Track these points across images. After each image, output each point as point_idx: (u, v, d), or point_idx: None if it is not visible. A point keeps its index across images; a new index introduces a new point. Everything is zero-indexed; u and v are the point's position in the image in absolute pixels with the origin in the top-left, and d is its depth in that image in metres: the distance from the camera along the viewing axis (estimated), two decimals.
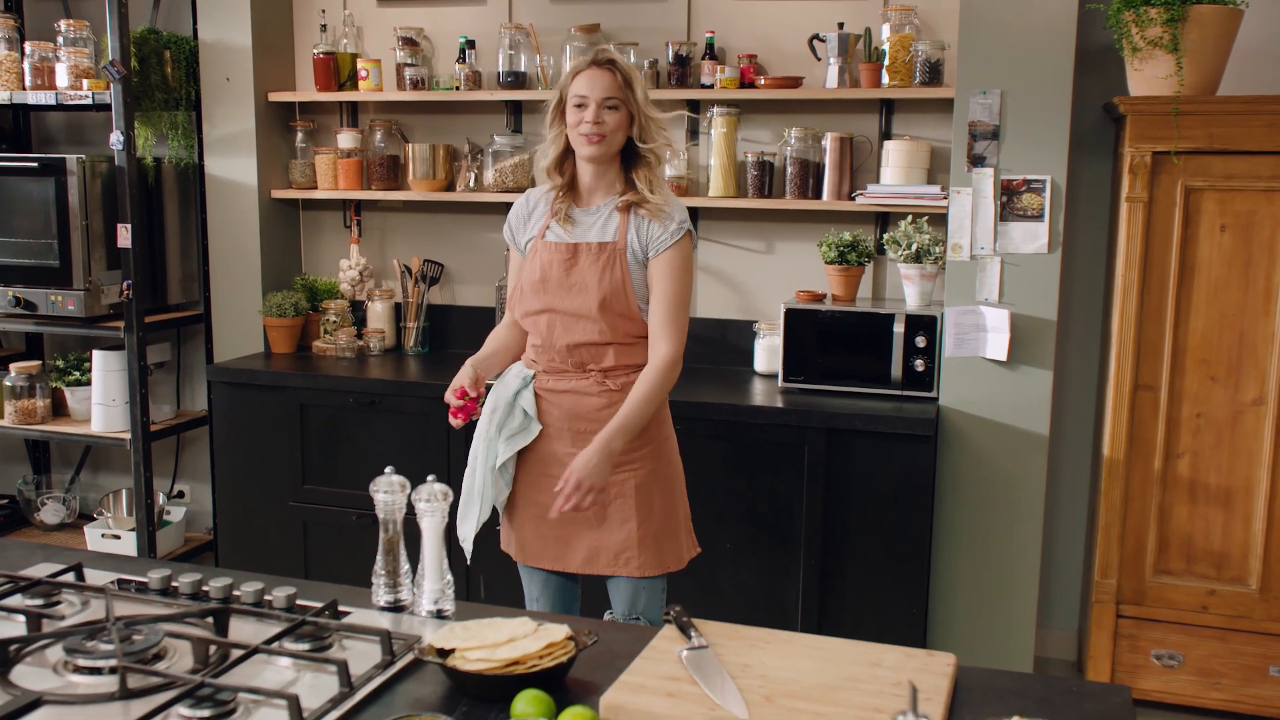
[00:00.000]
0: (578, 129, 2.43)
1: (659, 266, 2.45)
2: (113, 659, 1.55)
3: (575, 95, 2.43)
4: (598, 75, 2.42)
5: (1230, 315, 3.15)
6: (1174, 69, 3.06)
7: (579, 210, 2.52)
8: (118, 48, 3.72)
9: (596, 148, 2.42)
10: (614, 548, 2.50)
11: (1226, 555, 3.23)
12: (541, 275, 2.48)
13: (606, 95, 2.40)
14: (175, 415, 4.32)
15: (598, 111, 2.40)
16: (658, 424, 2.54)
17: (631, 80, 2.43)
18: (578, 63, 2.47)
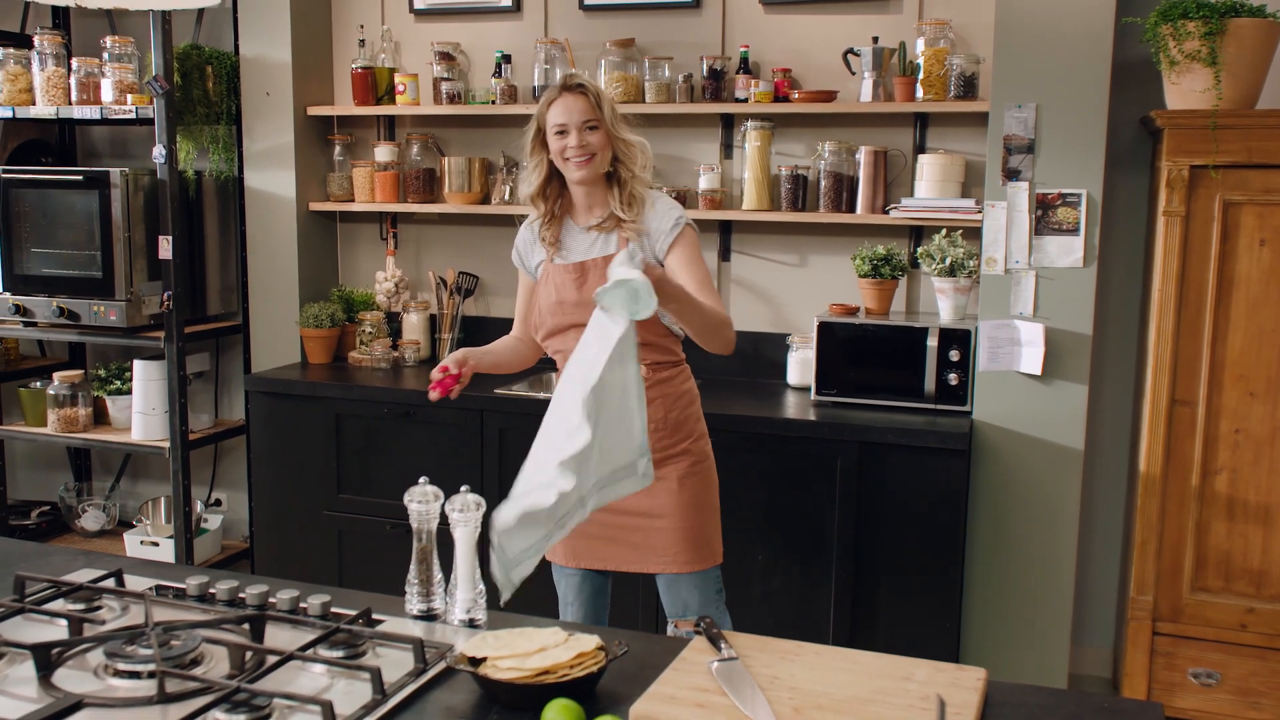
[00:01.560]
0: (563, 155, 2.51)
1: (673, 262, 2.52)
2: (151, 663, 1.58)
3: (554, 124, 2.50)
4: (572, 101, 2.49)
5: (1269, 331, 3.12)
6: (1212, 82, 3.03)
7: (578, 228, 2.60)
8: (161, 63, 3.79)
9: (586, 170, 2.50)
10: (659, 546, 2.56)
11: (1266, 573, 3.19)
12: (558, 297, 2.56)
13: (585, 118, 2.48)
14: (213, 424, 4.38)
15: (580, 135, 2.48)
16: (693, 422, 2.62)
17: (601, 102, 2.51)
18: (549, 91, 2.54)
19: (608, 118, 2.51)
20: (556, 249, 2.61)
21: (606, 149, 2.52)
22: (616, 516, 2.55)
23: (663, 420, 2.55)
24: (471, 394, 3.65)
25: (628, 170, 2.55)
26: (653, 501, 2.54)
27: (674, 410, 2.58)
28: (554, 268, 2.59)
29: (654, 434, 2.52)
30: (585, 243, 2.59)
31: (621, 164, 2.55)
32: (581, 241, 2.59)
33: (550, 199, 2.62)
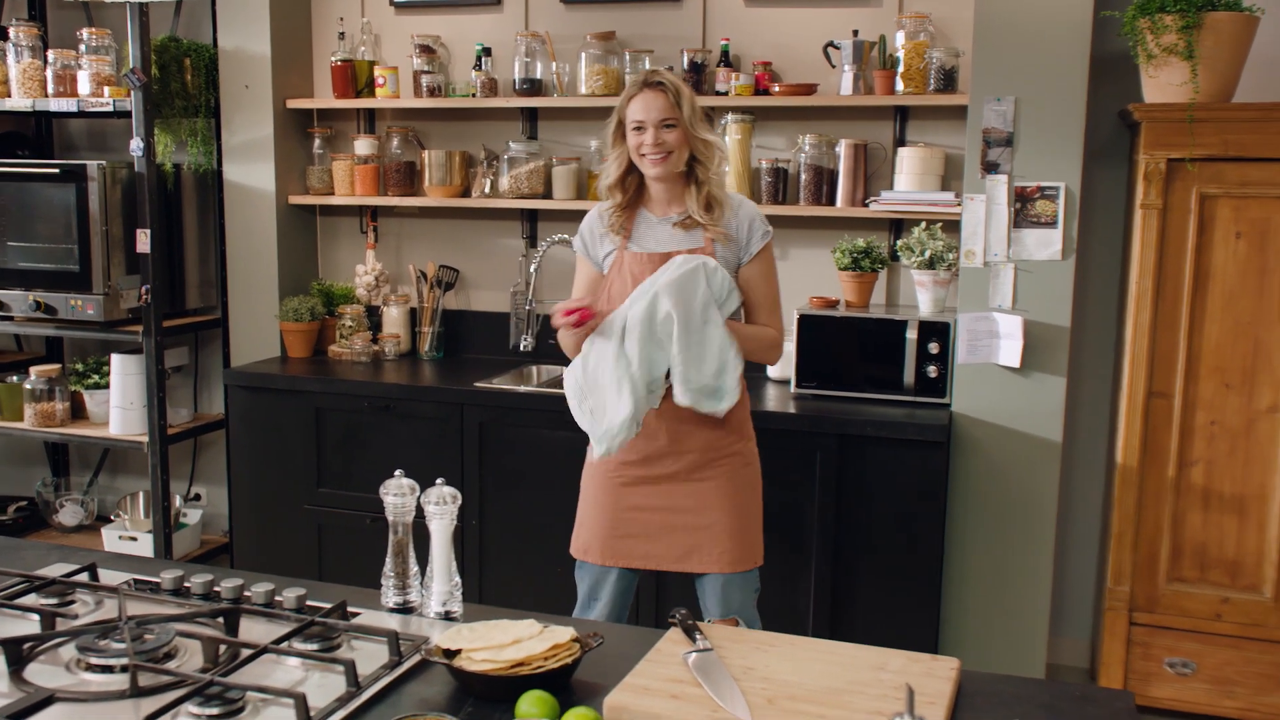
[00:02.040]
0: (639, 151, 2.52)
1: (752, 272, 2.59)
2: (124, 657, 1.57)
3: (633, 120, 2.52)
4: (651, 97, 2.51)
5: (1245, 323, 3.14)
6: (1189, 76, 3.05)
7: (655, 219, 2.61)
8: (139, 55, 3.77)
9: (662, 167, 2.52)
10: (706, 544, 2.57)
11: (1240, 563, 3.22)
12: (635, 285, 2.54)
13: (662, 117, 2.49)
14: (192, 418, 4.36)
15: (656, 133, 2.50)
16: (746, 424, 2.65)
17: (680, 100, 2.51)
18: (630, 86, 2.57)
19: (686, 116, 2.51)
20: (628, 238, 2.60)
21: (683, 148, 2.52)
22: (662, 515, 2.57)
23: (721, 420, 2.54)
24: (451, 387, 3.65)
25: (705, 170, 2.55)
26: (703, 500, 2.57)
27: (732, 411, 2.55)
28: (630, 256, 2.58)
29: (712, 433, 2.56)
30: (663, 234, 2.59)
31: (699, 164, 2.55)
32: (659, 232, 2.59)
33: (628, 191, 2.62)
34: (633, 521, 2.60)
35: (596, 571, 2.66)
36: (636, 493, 2.60)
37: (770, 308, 2.62)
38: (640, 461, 2.58)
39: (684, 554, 2.58)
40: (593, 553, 2.64)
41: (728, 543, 2.56)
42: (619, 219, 2.61)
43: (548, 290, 4.09)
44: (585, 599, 2.70)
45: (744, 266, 2.58)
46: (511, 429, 3.58)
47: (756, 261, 2.58)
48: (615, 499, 2.61)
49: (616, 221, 2.60)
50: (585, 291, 2.67)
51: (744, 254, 2.58)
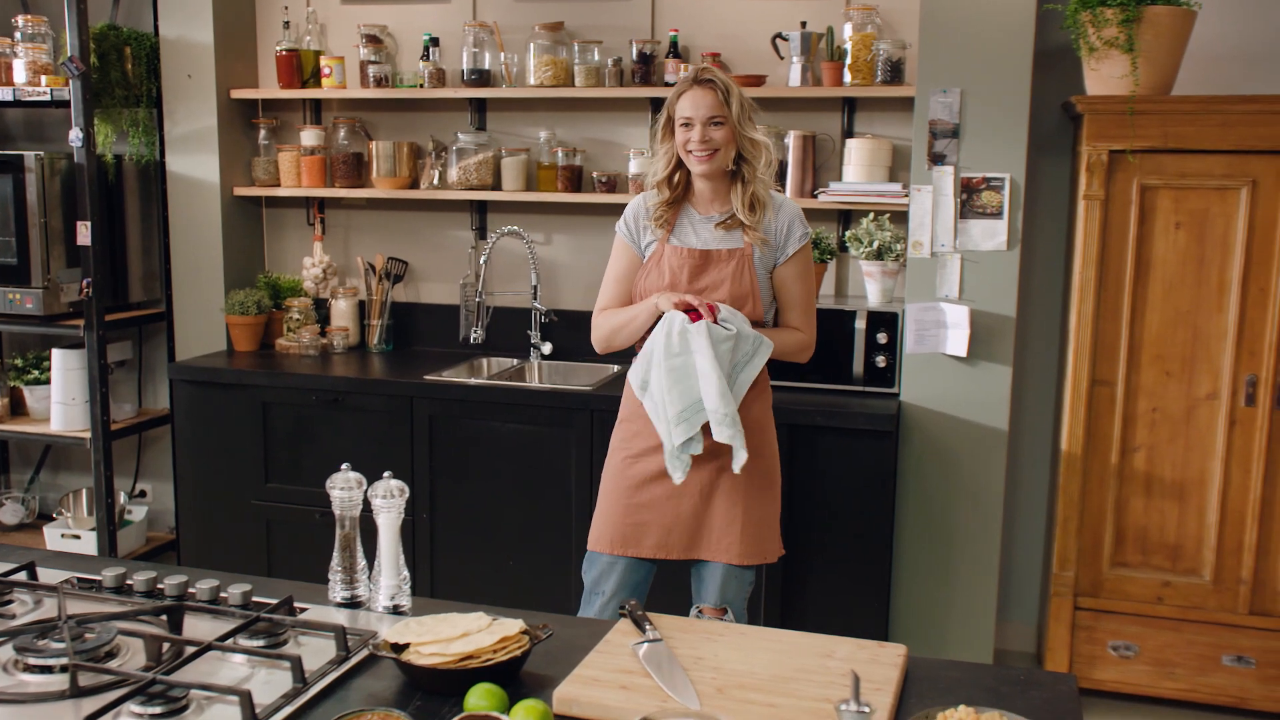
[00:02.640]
0: (686, 148, 2.51)
1: (786, 272, 2.58)
2: (64, 657, 1.55)
3: (681, 116, 2.51)
4: (700, 94, 2.49)
5: (1184, 311, 3.20)
6: (1129, 69, 3.10)
7: (699, 216, 2.60)
8: (76, 44, 3.69)
9: (708, 164, 2.51)
10: (716, 533, 2.56)
11: (1181, 547, 3.28)
12: (671, 280, 2.55)
13: (711, 114, 2.48)
14: (137, 414, 4.29)
15: (704, 130, 2.48)
16: (766, 416, 2.64)
17: (729, 97, 2.49)
18: (681, 82, 2.54)
19: (734, 114, 2.49)
20: (670, 231, 2.59)
21: (730, 145, 2.51)
22: (674, 504, 2.56)
23: (747, 409, 2.54)
24: (400, 380, 3.63)
25: (751, 170, 2.54)
26: (716, 491, 2.55)
27: (753, 403, 2.58)
28: (670, 249, 2.58)
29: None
30: (705, 231, 2.58)
31: (746, 163, 2.54)
32: (702, 229, 2.58)
33: (676, 187, 2.60)
34: (644, 509, 2.59)
35: (604, 563, 2.62)
36: (651, 483, 2.58)
37: (803, 309, 2.62)
38: (655, 450, 2.56)
39: (691, 543, 2.58)
40: (602, 542, 2.62)
41: (737, 535, 2.55)
42: (664, 212, 2.60)
43: (497, 282, 4.07)
44: (589, 592, 2.66)
45: (779, 267, 2.58)
46: (462, 422, 3.56)
47: (792, 262, 2.58)
48: (629, 489, 2.60)
49: (661, 214, 2.59)
50: (623, 278, 2.65)
51: (780, 255, 2.57)
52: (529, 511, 3.53)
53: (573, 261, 4.02)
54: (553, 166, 3.88)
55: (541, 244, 4.02)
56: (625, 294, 2.65)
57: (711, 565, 2.59)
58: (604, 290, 2.70)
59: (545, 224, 4.03)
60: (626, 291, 2.65)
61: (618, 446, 2.67)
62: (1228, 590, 3.25)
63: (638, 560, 2.60)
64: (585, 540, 3.45)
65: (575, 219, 4.00)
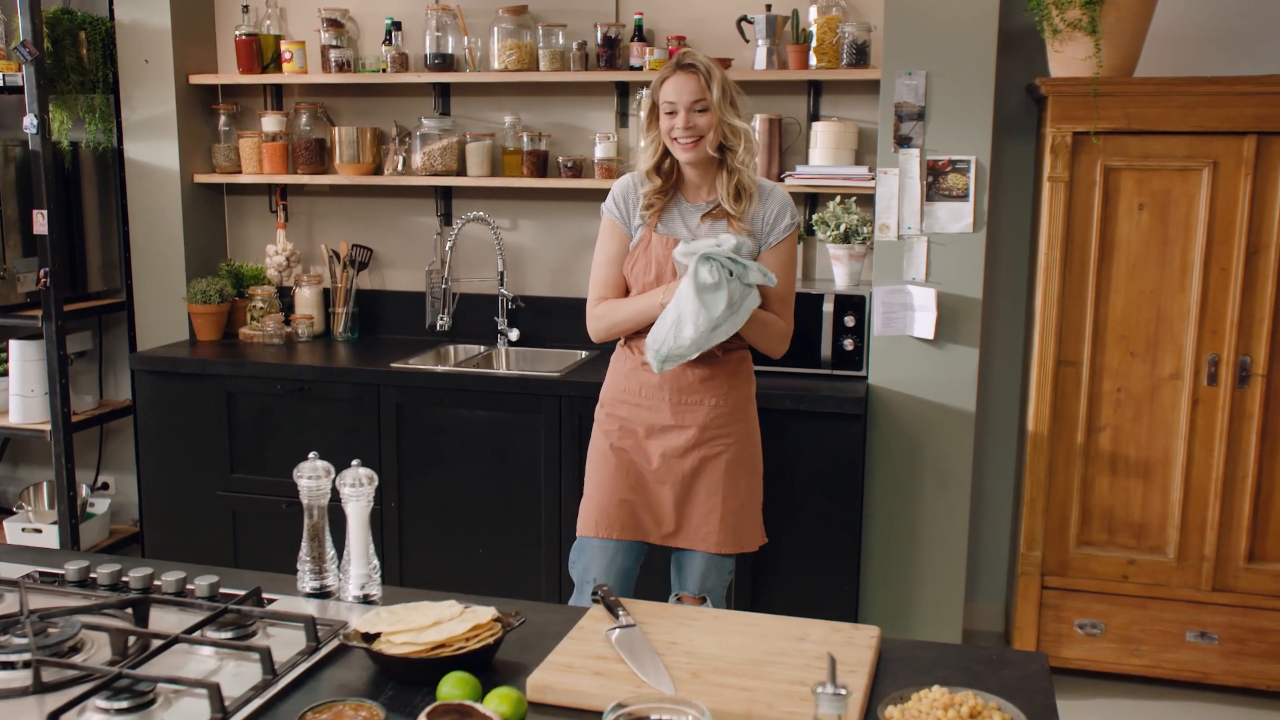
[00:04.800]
0: (670, 135, 2.48)
1: (769, 260, 2.54)
2: (27, 653, 1.52)
3: (665, 102, 2.49)
4: (684, 80, 2.47)
5: (1148, 292, 3.23)
6: (1092, 50, 3.11)
7: (689, 206, 2.58)
8: (29, 28, 3.61)
9: (693, 152, 2.48)
10: (696, 521, 2.57)
11: (1146, 525, 3.32)
12: (658, 272, 2.53)
13: (694, 99, 2.46)
14: (98, 405, 4.22)
15: (688, 116, 2.46)
16: (748, 405, 2.65)
17: (711, 83, 2.46)
18: (664, 68, 2.52)
19: (716, 99, 2.46)
20: (657, 218, 2.56)
21: (715, 132, 2.48)
22: (656, 489, 2.57)
23: (724, 397, 2.56)
24: (367, 367, 3.59)
25: (734, 157, 2.51)
26: (698, 479, 2.56)
27: (734, 391, 2.58)
28: (657, 238, 2.55)
29: (714, 410, 2.56)
30: (694, 221, 2.56)
31: (729, 150, 2.51)
32: (690, 219, 2.56)
33: (667, 176, 2.57)
34: (631, 492, 2.59)
35: (593, 548, 2.60)
36: (635, 465, 2.59)
37: (783, 299, 2.58)
38: (642, 434, 2.57)
39: (673, 530, 2.59)
40: (590, 526, 2.61)
41: (716, 524, 2.56)
42: (655, 200, 2.56)
43: (463, 268, 4.04)
44: (580, 582, 2.64)
45: (763, 254, 2.55)
46: (429, 409, 3.54)
47: (776, 250, 2.56)
48: (614, 474, 2.60)
49: (652, 202, 2.56)
50: (615, 260, 2.60)
51: (765, 242, 2.55)
52: (498, 499, 3.52)
53: (539, 247, 4.00)
54: (518, 151, 3.85)
55: (507, 230, 4.00)
56: (620, 278, 2.61)
57: (691, 554, 2.61)
58: (596, 276, 2.64)
59: (511, 209, 4.00)
60: (620, 275, 2.61)
61: (600, 431, 2.66)
62: (1191, 567, 3.29)
63: (627, 545, 2.60)
64: (555, 527, 3.46)
65: (541, 204, 3.98)
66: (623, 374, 2.64)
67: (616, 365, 2.68)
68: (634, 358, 2.62)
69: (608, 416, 2.65)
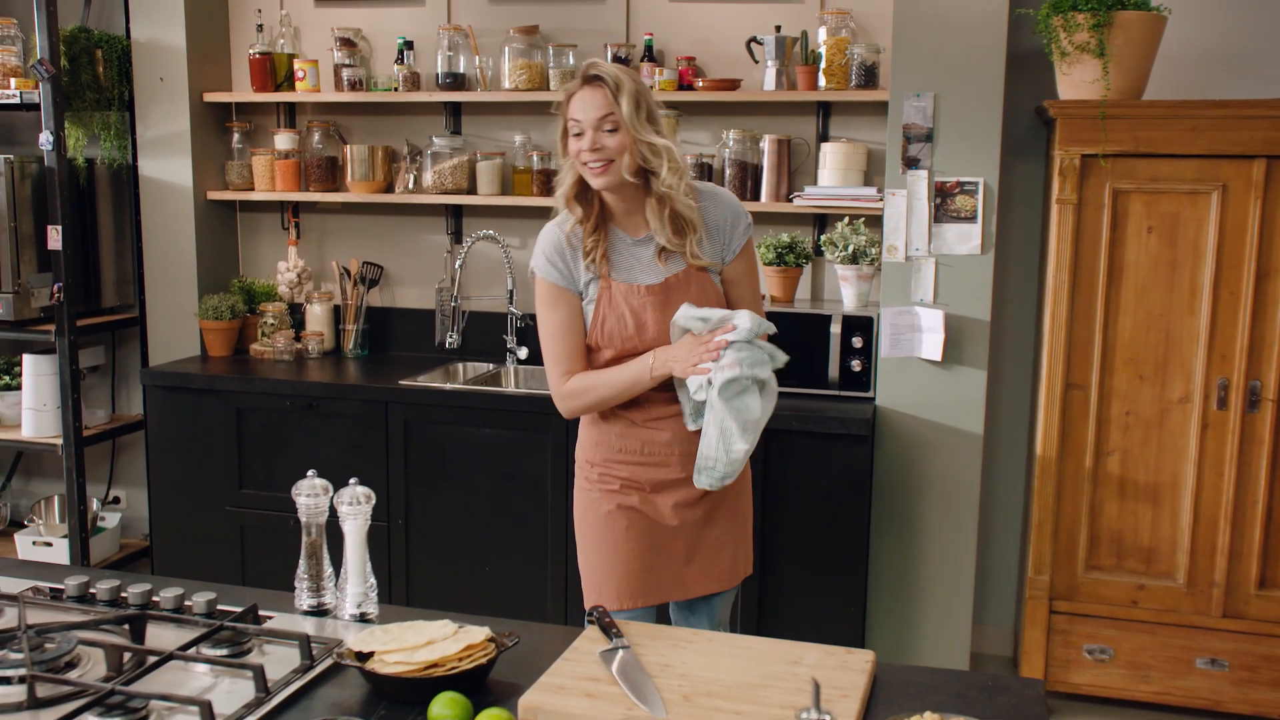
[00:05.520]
0: (579, 159, 2.14)
1: (736, 269, 2.27)
2: (22, 668, 1.52)
3: (571, 121, 2.15)
4: (589, 95, 2.12)
5: (1157, 315, 3.21)
6: (1101, 73, 3.11)
7: (629, 239, 2.23)
8: (46, 46, 3.66)
9: (604, 177, 2.14)
10: (707, 564, 2.32)
11: (1155, 550, 3.29)
12: (637, 324, 2.20)
13: (600, 115, 2.11)
14: (110, 420, 4.25)
15: (594, 137, 2.11)
16: None
17: (620, 95, 2.11)
18: (570, 83, 2.18)
19: (627, 115, 2.10)
20: (606, 264, 2.21)
21: (632, 153, 2.12)
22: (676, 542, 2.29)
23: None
24: (375, 385, 3.61)
25: (658, 182, 2.15)
26: (709, 522, 2.31)
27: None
28: (624, 289, 2.20)
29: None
30: (646, 257, 2.21)
31: (652, 174, 2.15)
32: (640, 255, 2.22)
33: (591, 205, 2.22)
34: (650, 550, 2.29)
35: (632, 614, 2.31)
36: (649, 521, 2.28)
37: (753, 304, 2.31)
38: (650, 490, 2.27)
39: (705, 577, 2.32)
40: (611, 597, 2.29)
41: (728, 559, 2.33)
42: (597, 244, 2.20)
43: (473, 287, 4.05)
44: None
45: (728, 266, 2.25)
46: (437, 427, 3.55)
47: (740, 257, 2.26)
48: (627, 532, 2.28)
49: (590, 245, 2.21)
50: (572, 329, 2.24)
51: (726, 253, 2.25)
52: (504, 517, 3.52)
53: None
54: (528, 170, 3.87)
55: (517, 248, 4.01)
56: (581, 346, 2.25)
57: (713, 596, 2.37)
58: (554, 350, 2.25)
59: (520, 228, 4.02)
60: (581, 343, 2.25)
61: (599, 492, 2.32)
62: (1201, 593, 3.26)
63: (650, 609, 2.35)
64: (561, 546, 3.45)
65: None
66: (615, 434, 2.29)
67: (602, 425, 2.31)
68: (625, 415, 2.27)
69: (602, 476, 2.31)
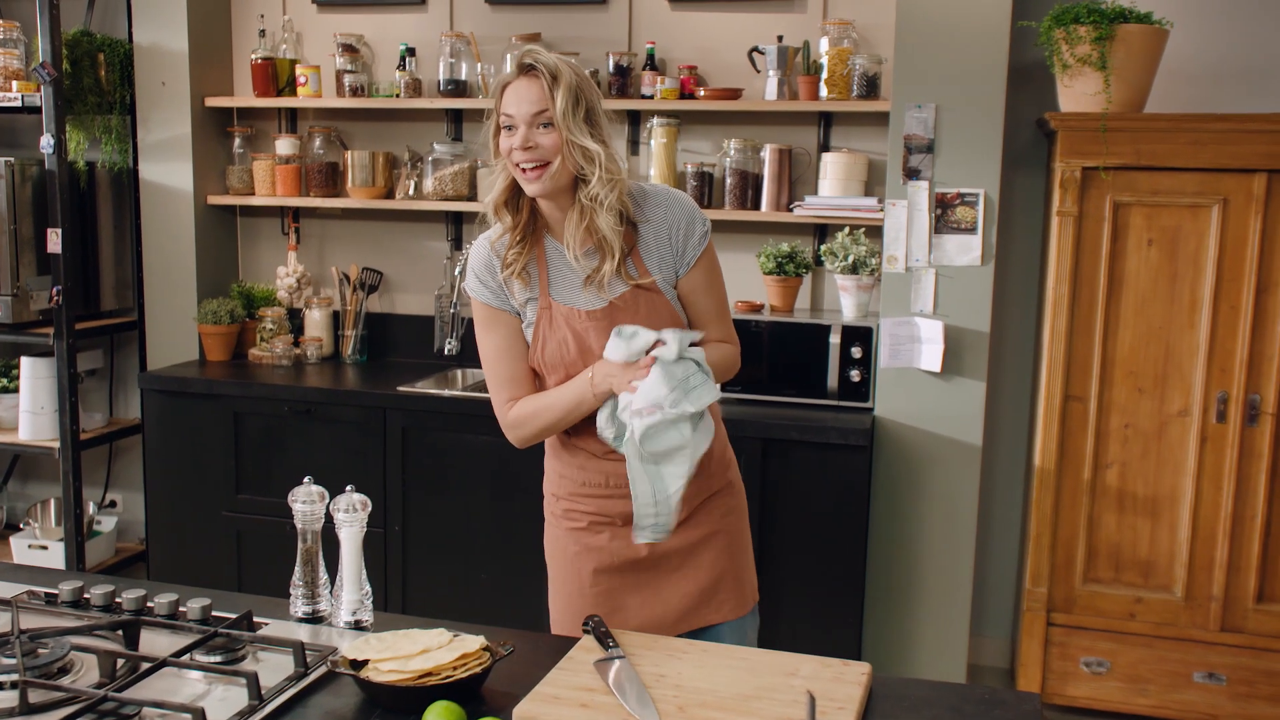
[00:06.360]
0: (511, 159, 1.90)
1: (693, 282, 2.02)
2: (14, 673, 1.52)
3: (503, 114, 1.90)
4: (524, 86, 1.88)
5: (1157, 328, 3.21)
6: (1102, 86, 3.11)
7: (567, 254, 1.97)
8: (49, 49, 3.66)
9: (538, 183, 1.89)
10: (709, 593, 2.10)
11: (1153, 563, 3.28)
12: (580, 346, 1.97)
13: (537, 109, 1.86)
14: (107, 423, 4.24)
15: (527, 134, 1.87)
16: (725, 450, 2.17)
17: (556, 89, 1.86)
18: (505, 73, 1.93)
19: (561, 111, 1.85)
20: (545, 282, 1.99)
21: (566, 156, 1.88)
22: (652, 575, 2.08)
23: (708, 454, 1.99)
24: (374, 391, 3.60)
25: (585, 190, 1.90)
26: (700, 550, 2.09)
27: (716, 442, 2.08)
28: (565, 310, 1.98)
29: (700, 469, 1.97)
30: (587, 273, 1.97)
31: (580, 181, 1.91)
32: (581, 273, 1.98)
33: (521, 212, 1.98)
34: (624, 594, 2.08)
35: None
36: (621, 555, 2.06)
37: (720, 316, 2.07)
38: (620, 523, 2.04)
39: (685, 613, 2.08)
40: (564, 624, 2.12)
41: (733, 586, 2.11)
42: (519, 258, 1.98)
43: None
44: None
45: (683, 278, 2.01)
46: (435, 433, 3.54)
47: (697, 269, 2.00)
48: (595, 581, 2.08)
49: (518, 262, 1.97)
50: (511, 352, 2.03)
51: (680, 265, 2.00)
52: (501, 524, 3.51)
53: None
54: None
55: None
56: (523, 369, 2.04)
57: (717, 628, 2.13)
58: (495, 375, 2.05)
59: None
60: (523, 366, 2.04)
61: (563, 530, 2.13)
62: (1199, 607, 3.25)
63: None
64: None
65: None
66: (577, 466, 2.07)
67: (563, 456, 2.10)
68: (583, 447, 2.06)
69: (568, 512, 2.10)
